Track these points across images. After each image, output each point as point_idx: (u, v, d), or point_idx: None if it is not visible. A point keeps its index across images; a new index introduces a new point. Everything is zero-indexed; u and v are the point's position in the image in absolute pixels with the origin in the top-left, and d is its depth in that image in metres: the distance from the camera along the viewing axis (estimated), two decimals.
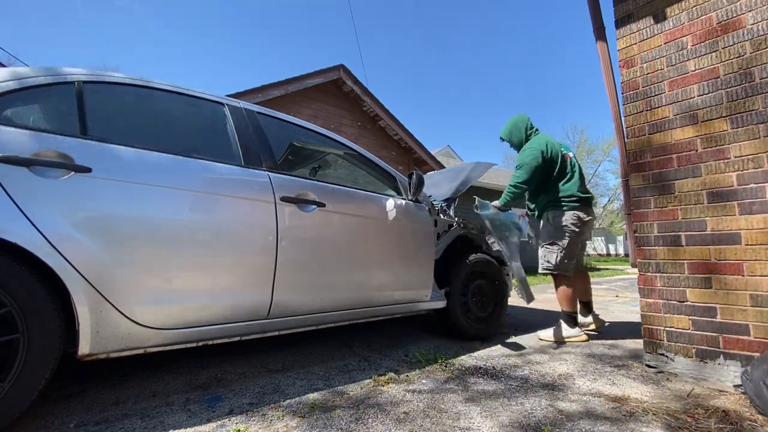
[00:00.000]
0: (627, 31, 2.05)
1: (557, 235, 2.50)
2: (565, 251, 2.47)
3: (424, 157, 9.02)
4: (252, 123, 1.89)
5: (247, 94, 6.42)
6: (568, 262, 2.48)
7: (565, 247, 2.47)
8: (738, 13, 1.70)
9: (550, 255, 2.51)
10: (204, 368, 1.92)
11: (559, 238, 2.49)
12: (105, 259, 1.30)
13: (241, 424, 1.33)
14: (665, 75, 1.91)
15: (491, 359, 2.13)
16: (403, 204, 2.30)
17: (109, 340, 1.31)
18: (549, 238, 2.53)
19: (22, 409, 1.16)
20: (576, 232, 2.48)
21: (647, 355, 1.92)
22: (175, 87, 1.75)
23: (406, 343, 2.48)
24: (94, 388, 1.65)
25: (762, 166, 1.61)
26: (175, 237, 1.47)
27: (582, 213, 2.50)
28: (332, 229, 1.95)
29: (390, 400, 1.55)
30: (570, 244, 2.48)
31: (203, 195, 1.56)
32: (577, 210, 2.50)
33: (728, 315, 1.66)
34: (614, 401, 1.52)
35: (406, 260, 2.27)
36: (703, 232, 1.74)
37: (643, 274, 1.94)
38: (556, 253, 2.48)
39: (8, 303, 1.14)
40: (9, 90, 1.32)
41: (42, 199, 1.22)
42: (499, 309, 2.77)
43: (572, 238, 2.48)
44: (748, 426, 1.30)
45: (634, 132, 2.00)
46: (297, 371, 1.89)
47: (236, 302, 1.61)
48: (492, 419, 1.37)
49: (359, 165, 2.43)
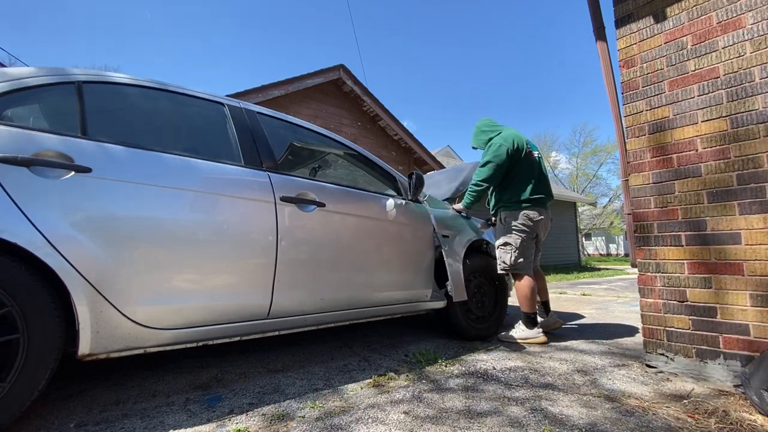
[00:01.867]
0: (627, 31, 2.05)
1: (510, 235, 2.51)
2: (518, 251, 2.47)
3: (424, 157, 9.02)
4: (252, 123, 1.89)
5: (247, 94, 6.42)
6: (524, 262, 2.48)
7: (518, 247, 2.47)
8: (738, 13, 1.70)
9: (504, 255, 2.52)
10: (204, 368, 1.92)
11: (511, 237, 2.50)
12: (105, 259, 1.30)
13: (241, 424, 1.33)
14: (665, 75, 1.91)
15: (491, 359, 2.13)
16: (403, 204, 2.30)
17: (109, 340, 1.31)
18: (502, 239, 2.54)
19: (22, 409, 1.16)
20: (528, 232, 2.49)
21: (647, 355, 1.92)
22: (175, 87, 1.75)
23: (406, 343, 2.48)
24: (94, 388, 1.65)
25: (762, 166, 1.61)
26: (175, 237, 1.47)
27: (533, 213, 2.50)
28: (332, 229, 1.95)
29: (390, 400, 1.55)
30: (523, 244, 2.48)
31: (203, 195, 1.56)
32: (528, 210, 2.50)
33: (728, 315, 1.66)
34: (614, 401, 1.52)
35: (406, 260, 2.27)
36: (703, 232, 1.74)
37: (643, 274, 1.94)
38: (510, 253, 2.49)
39: (8, 303, 1.14)
40: (9, 90, 1.32)
41: (42, 199, 1.22)
42: (499, 309, 2.77)
43: (524, 238, 2.49)
44: (748, 426, 1.30)
45: (634, 132, 2.00)
46: (297, 371, 1.89)
47: (236, 302, 1.61)
48: (492, 419, 1.37)
49: (359, 165, 2.43)
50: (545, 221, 2.58)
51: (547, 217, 2.59)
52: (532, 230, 2.51)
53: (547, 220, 2.60)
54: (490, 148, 2.57)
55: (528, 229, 2.50)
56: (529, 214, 2.50)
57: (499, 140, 2.55)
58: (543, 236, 2.65)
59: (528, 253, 2.51)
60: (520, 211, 2.51)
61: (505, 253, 2.51)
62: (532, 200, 2.52)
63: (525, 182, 2.53)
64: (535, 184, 2.54)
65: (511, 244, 2.49)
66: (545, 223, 2.59)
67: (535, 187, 2.54)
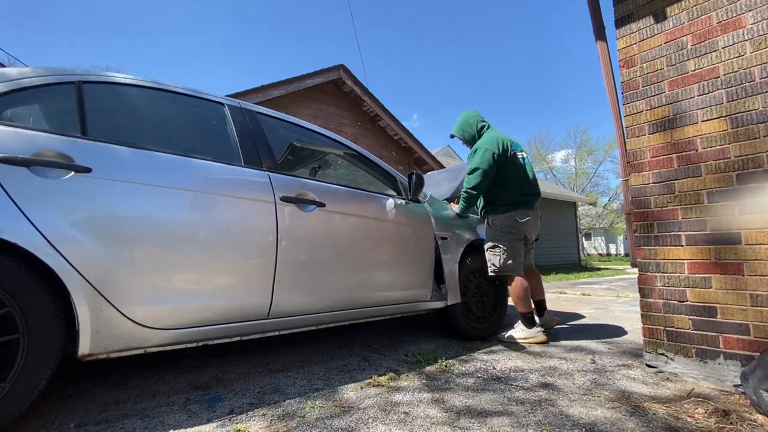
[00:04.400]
0: (627, 31, 2.05)
1: (498, 238, 2.51)
2: (507, 252, 2.47)
3: (424, 157, 9.03)
4: (252, 123, 1.89)
5: (247, 94, 6.42)
6: (513, 263, 2.48)
7: (506, 249, 2.48)
8: (738, 13, 1.70)
9: (494, 258, 2.52)
10: (204, 368, 1.92)
11: (499, 240, 2.50)
12: (105, 259, 1.30)
13: (241, 424, 1.33)
14: (665, 75, 1.91)
15: (492, 359, 2.13)
16: (403, 204, 2.30)
17: (109, 340, 1.31)
18: (491, 241, 2.54)
19: (22, 409, 1.16)
20: (515, 234, 2.50)
21: (647, 354, 1.92)
22: (175, 87, 1.75)
23: (407, 343, 2.48)
24: (94, 388, 1.65)
25: (762, 165, 1.61)
26: (175, 237, 1.47)
27: (520, 214, 2.51)
28: (332, 229, 1.95)
29: (390, 400, 1.55)
30: (511, 246, 2.48)
31: (203, 195, 1.56)
32: (514, 211, 2.50)
33: (728, 315, 1.66)
34: (614, 401, 1.52)
35: (405, 260, 2.27)
36: (703, 232, 1.74)
37: (643, 274, 1.94)
38: (499, 255, 2.49)
39: (8, 303, 1.14)
40: (9, 90, 1.32)
41: (42, 199, 1.22)
42: (499, 309, 2.77)
43: (512, 239, 2.49)
44: (748, 426, 1.30)
45: (634, 132, 2.00)
46: (297, 371, 1.89)
47: (236, 302, 1.61)
48: (493, 419, 1.37)
49: (359, 165, 2.43)
50: (533, 221, 2.58)
51: (535, 217, 2.59)
52: (519, 232, 2.52)
53: (535, 220, 2.60)
54: (476, 154, 2.55)
55: (515, 231, 2.50)
56: (517, 216, 2.51)
57: (485, 145, 2.53)
58: (532, 236, 2.65)
59: (517, 254, 2.51)
60: (507, 213, 2.51)
61: (494, 256, 2.51)
62: (518, 202, 2.52)
63: (511, 185, 2.53)
64: (520, 185, 2.55)
65: (500, 247, 2.49)
66: (533, 224, 2.59)
67: (521, 188, 2.54)
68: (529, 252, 2.73)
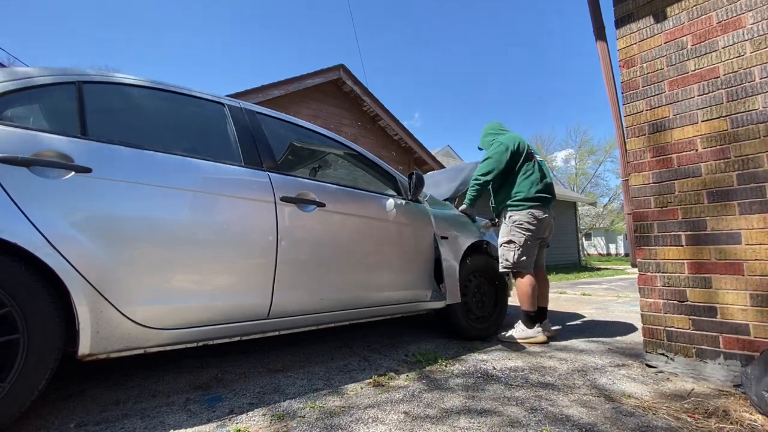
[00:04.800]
0: (627, 31, 2.05)
1: (513, 234, 2.52)
2: (522, 249, 2.49)
3: (424, 157, 9.02)
4: (252, 123, 1.89)
5: (247, 94, 6.42)
6: (526, 260, 2.50)
7: (521, 245, 2.49)
8: (738, 13, 1.70)
9: (507, 253, 2.53)
10: (204, 368, 1.92)
11: (515, 236, 2.51)
12: (105, 259, 1.30)
13: (241, 424, 1.33)
14: (665, 75, 1.91)
15: (491, 359, 2.13)
16: (403, 204, 2.30)
17: (109, 340, 1.31)
18: (506, 237, 2.55)
19: (22, 409, 1.16)
20: (532, 231, 2.50)
21: (647, 354, 1.92)
22: (175, 87, 1.75)
23: (406, 343, 2.48)
24: (94, 388, 1.65)
25: (762, 165, 1.61)
26: (175, 237, 1.47)
27: (538, 212, 2.52)
28: (332, 229, 1.95)
29: (390, 400, 1.55)
30: (526, 243, 2.49)
31: (203, 195, 1.56)
32: (533, 209, 2.52)
33: (728, 315, 1.66)
34: (614, 401, 1.52)
35: (406, 260, 2.27)
36: (703, 231, 1.74)
37: (643, 274, 1.94)
38: (513, 251, 2.50)
39: (8, 303, 1.14)
40: (9, 90, 1.32)
41: (42, 199, 1.22)
42: (499, 309, 2.77)
43: (528, 236, 2.50)
44: (748, 426, 1.30)
45: (634, 132, 2.00)
46: (297, 371, 1.89)
47: (236, 302, 1.61)
48: (492, 419, 1.37)
49: (359, 165, 2.43)
50: (549, 221, 2.59)
51: (550, 216, 2.61)
52: (537, 229, 2.52)
53: (550, 220, 2.62)
54: (491, 146, 2.65)
55: (533, 227, 2.50)
56: (535, 213, 2.51)
57: (501, 139, 2.63)
58: (549, 236, 2.67)
59: (531, 252, 2.52)
60: (526, 209, 2.52)
61: (509, 251, 2.52)
62: (538, 198, 2.53)
63: (530, 181, 2.55)
64: (539, 184, 2.57)
65: (515, 242, 2.50)
66: (549, 223, 2.61)
67: (539, 187, 2.56)
68: (542, 251, 2.74)
